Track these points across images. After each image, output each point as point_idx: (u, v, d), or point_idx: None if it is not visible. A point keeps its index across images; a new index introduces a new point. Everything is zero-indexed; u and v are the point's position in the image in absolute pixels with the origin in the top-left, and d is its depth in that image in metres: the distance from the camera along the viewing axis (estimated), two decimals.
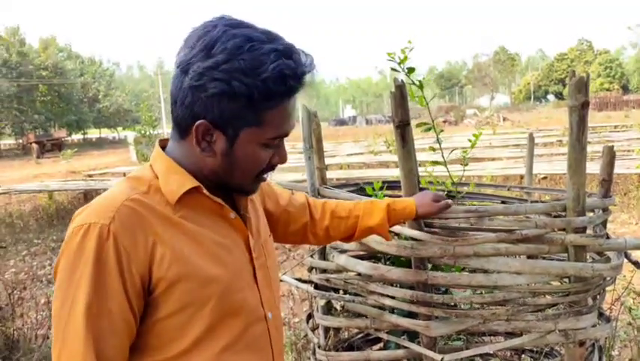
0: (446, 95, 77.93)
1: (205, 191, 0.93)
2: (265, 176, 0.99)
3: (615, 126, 17.34)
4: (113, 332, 0.84)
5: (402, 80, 1.49)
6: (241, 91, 0.85)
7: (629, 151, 9.91)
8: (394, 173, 8.37)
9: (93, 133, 56.47)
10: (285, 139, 0.97)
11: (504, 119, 29.47)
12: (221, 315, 0.92)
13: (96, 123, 50.91)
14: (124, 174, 12.75)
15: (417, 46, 2.06)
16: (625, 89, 51.47)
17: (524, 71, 78.70)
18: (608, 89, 48.10)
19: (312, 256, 2.04)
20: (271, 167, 0.97)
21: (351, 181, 3.31)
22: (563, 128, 15.74)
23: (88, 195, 9.43)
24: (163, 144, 1.00)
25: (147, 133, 6.94)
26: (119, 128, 52.01)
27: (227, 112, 0.87)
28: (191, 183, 0.92)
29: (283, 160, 0.98)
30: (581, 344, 1.61)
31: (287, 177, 8.86)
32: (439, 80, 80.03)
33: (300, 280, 2.21)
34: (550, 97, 62.49)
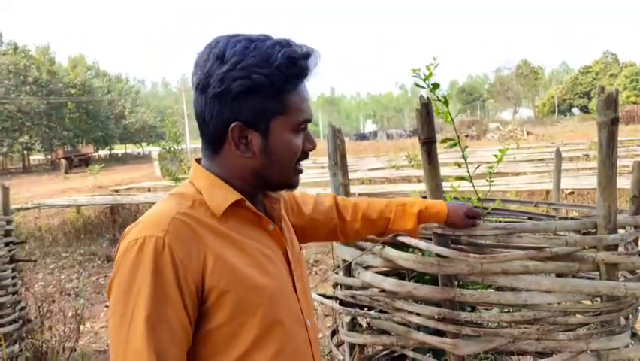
0: (468, 110, 77.32)
1: (247, 203, 0.98)
2: (301, 167, 1.04)
3: None
4: (173, 342, 0.87)
5: (427, 97, 1.50)
6: (262, 81, 0.91)
7: None
8: (416, 188, 8.31)
9: (119, 149, 57.70)
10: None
11: (528, 133, 29.06)
12: (269, 323, 0.95)
13: (122, 139, 52.03)
14: (149, 189, 12.98)
15: (439, 60, 2.07)
16: None
17: (548, 84, 77.73)
18: (635, 102, 47.06)
19: (336, 273, 2.04)
20: (305, 155, 1.02)
21: (373, 196, 3.30)
22: (590, 142, 15.43)
23: (114, 210, 9.60)
24: (198, 162, 1.04)
25: (171, 149, 7.06)
26: (144, 144, 53.07)
27: (255, 107, 0.93)
28: (235, 195, 0.97)
29: (314, 145, 1.03)
30: None
31: (308, 192, 8.87)
32: (461, 95, 79.58)
33: (324, 295, 2.21)
34: (575, 110, 61.45)
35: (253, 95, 0.92)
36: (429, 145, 1.47)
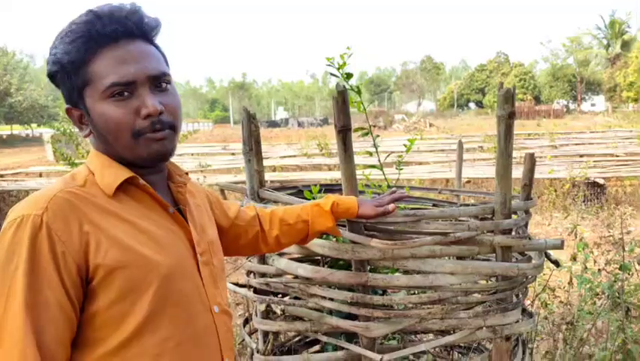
0: (375, 100, 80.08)
1: (142, 182, 0.95)
2: (154, 135, 0.93)
3: (529, 134, 18.69)
4: (52, 322, 0.83)
5: (344, 86, 1.52)
6: (60, 58, 0.91)
7: (541, 157, 10.72)
8: (327, 176, 8.47)
9: (4, 130, 52.07)
10: (216, 141, 1.01)
11: (430, 125, 30.79)
12: (163, 303, 0.92)
13: (7, 119, 46.97)
14: (40, 175, 11.87)
15: (352, 50, 2.11)
16: (537, 99, 55.63)
17: (448, 79, 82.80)
18: (522, 100, 51.63)
19: (249, 260, 2.02)
20: (148, 123, 0.92)
21: (286, 184, 3.31)
22: (484, 135, 16.73)
23: None
24: None
25: (67, 131, 6.50)
26: (34, 125, 48.39)
27: (67, 85, 0.94)
28: (126, 173, 0.94)
29: (152, 108, 0.92)
30: (507, 338, 1.72)
31: (220, 179, 8.68)
32: (369, 86, 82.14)
33: (237, 284, 2.18)
34: (472, 105, 66.19)
35: (60, 74, 0.93)
36: (344, 133, 1.49)
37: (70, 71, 0.92)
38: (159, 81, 0.95)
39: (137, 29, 0.93)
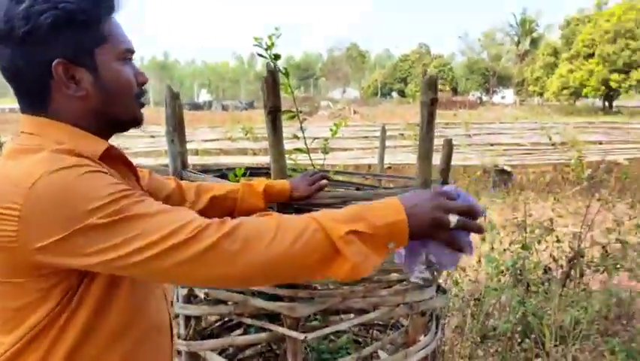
0: (301, 87, 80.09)
1: (117, 150, 0.93)
2: (144, 100, 0.99)
3: (447, 123, 19.69)
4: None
5: (275, 66, 1.50)
6: (72, 9, 0.84)
7: (456, 145, 11.34)
8: (253, 160, 8.39)
9: None
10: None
11: (354, 112, 31.43)
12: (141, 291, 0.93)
13: None
14: None
15: (280, 31, 2.09)
16: (454, 91, 58.63)
17: (373, 68, 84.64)
18: (440, 90, 53.98)
19: None
20: (141, 90, 0.98)
21: (208, 167, 3.24)
22: (405, 124, 17.39)
23: None
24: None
25: None
26: None
27: (73, 39, 0.86)
28: (101, 142, 0.91)
29: (145, 77, 0.99)
30: (423, 314, 1.82)
31: (139, 162, 8.30)
32: (296, 71, 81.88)
33: None
34: (394, 94, 68.28)
35: (67, 27, 0.84)
36: (274, 114, 1.48)
37: (80, 24, 0.86)
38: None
39: (119, 6, 0.93)
